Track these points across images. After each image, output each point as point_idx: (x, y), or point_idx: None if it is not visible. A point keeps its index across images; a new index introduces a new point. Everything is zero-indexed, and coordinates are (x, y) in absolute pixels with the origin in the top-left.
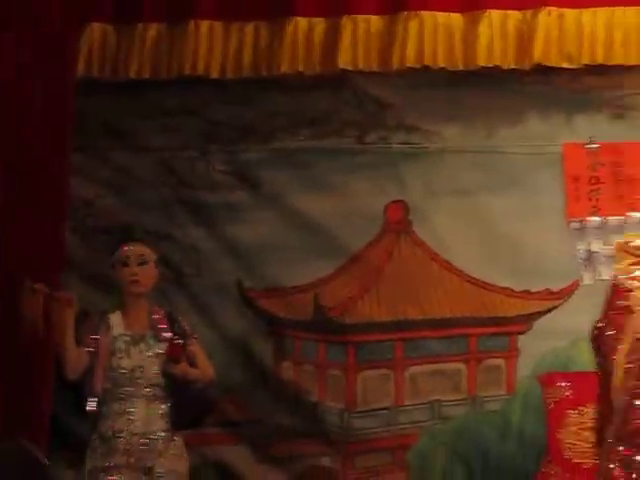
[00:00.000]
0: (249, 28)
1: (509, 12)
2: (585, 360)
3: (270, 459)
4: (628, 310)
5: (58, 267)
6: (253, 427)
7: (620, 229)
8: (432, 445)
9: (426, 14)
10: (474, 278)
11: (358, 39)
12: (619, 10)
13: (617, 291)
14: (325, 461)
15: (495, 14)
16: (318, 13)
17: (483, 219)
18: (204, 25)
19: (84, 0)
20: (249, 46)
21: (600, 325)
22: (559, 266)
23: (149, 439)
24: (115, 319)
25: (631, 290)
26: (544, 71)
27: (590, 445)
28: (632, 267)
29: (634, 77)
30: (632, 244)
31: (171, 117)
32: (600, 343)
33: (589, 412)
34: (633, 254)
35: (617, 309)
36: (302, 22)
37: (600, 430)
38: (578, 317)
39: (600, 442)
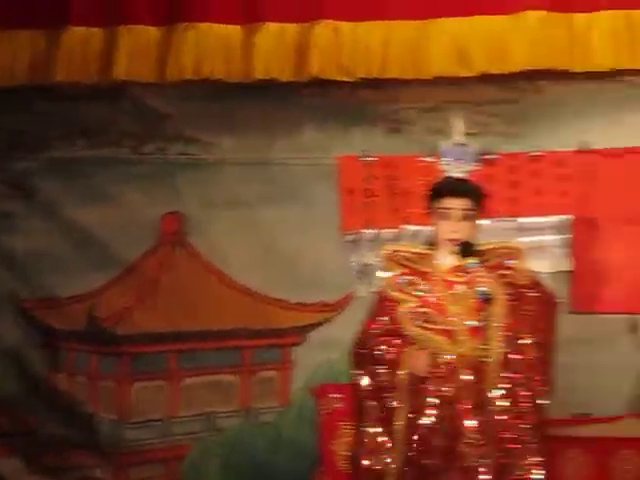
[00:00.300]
0: (24, 36)
1: (286, 25)
2: None
3: (43, 470)
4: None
5: None
6: (27, 438)
7: (394, 242)
8: (206, 457)
9: (204, 25)
10: (249, 290)
11: (134, 50)
12: (395, 24)
13: (382, 301)
14: (98, 472)
15: (273, 26)
16: (95, 23)
17: (260, 231)
18: None
19: None
20: (24, 54)
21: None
22: (334, 278)
23: None
24: None
25: (397, 301)
26: (321, 84)
27: None
28: (400, 277)
29: (409, 91)
30: (400, 254)
31: None
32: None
33: None
34: (400, 263)
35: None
36: (78, 31)
37: None
38: (352, 329)
39: None
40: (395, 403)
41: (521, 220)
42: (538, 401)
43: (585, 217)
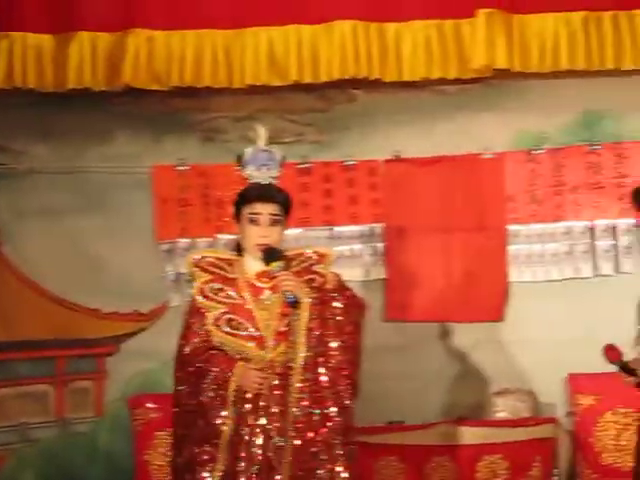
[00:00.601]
0: None
1: (99, 34)
2: None
3: None
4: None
5: None
6: None
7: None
8: (20, 468)
9: (16, 35)
10: (62, 299)
11: None
12: (209, 33)
13: (195, 310)
14: None
15: (86, 35)
16: None
17: (72, 240)
18: None
19: None
20: None
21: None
22: (148, 288)
23: None
24: None
25: (206, 310)
26: (135, 93)
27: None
28: (208, 284)
29: (222, 100)
30: (207, 260)
31: None
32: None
33: None
34: (208, 270)
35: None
36: None
37: None
38: (167, 338)
39: None
40: (220, 420)
41: (336, 229)
42: (345, 403)
43: (396, 226)
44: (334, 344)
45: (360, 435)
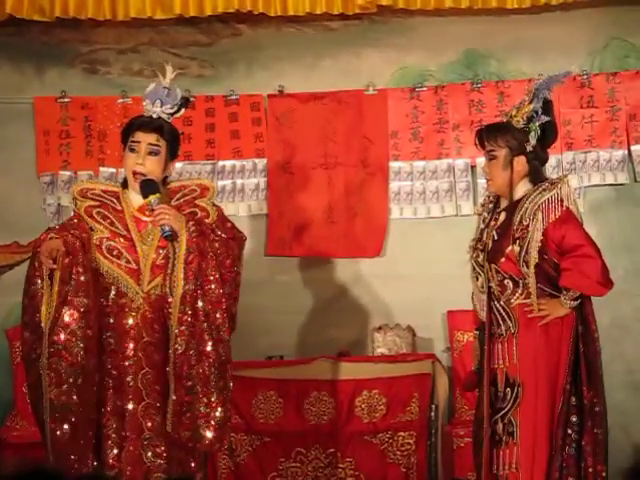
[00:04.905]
0: None
1: None
2: None
3: None
4: None
5: None
6: None
7: None
8: None
9: None
10: None
11: None
12: None
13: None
14: None
15: None
16: None
17: None
18: None
19: None
20: None
21: None
22: (28, 219)
23: None
24: None
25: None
26: (17, 23)
27: None
28: (93, 209)
29: (105, 32)
30: (92, 192)
31: None
32: None
33: None
34: (94, 200)
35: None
36: None
37: None
38: None
39: None
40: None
41: (220, 163)
42: (222, 336)
43: (279, 161)
44: (212, 277)
45: (239, 369)
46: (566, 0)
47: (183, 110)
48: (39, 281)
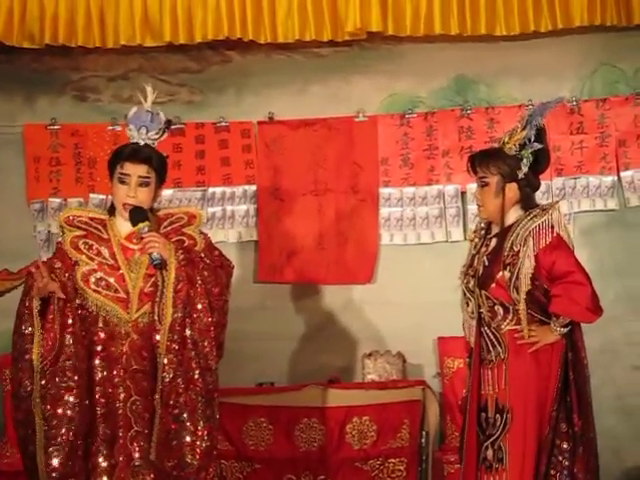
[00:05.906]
0: None
1: None
2: None
3: None
4: None
5: None
6: None
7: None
8: None
9: None
10: None
11: None
12: None
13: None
14: None
15: None
16: None
17: None
18: None
19: None
20: None
21: None
22: (19, 247)
23: None
24: None
25: (76, 261)
26: (6, 50)
27: None
28: (79, 239)
29: (95, 59)
30: (78, 219)
31: None
32: None
33: None
34: (80, 228)
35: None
36: None
37: None
38: None
39: None
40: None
41: (210, 190)
42: (210, 364)
43: (269, 187)
44: (200, 305)
45: (230, 396)
46: (555, 27)
47: (166, 134)
48: (30, 319)
